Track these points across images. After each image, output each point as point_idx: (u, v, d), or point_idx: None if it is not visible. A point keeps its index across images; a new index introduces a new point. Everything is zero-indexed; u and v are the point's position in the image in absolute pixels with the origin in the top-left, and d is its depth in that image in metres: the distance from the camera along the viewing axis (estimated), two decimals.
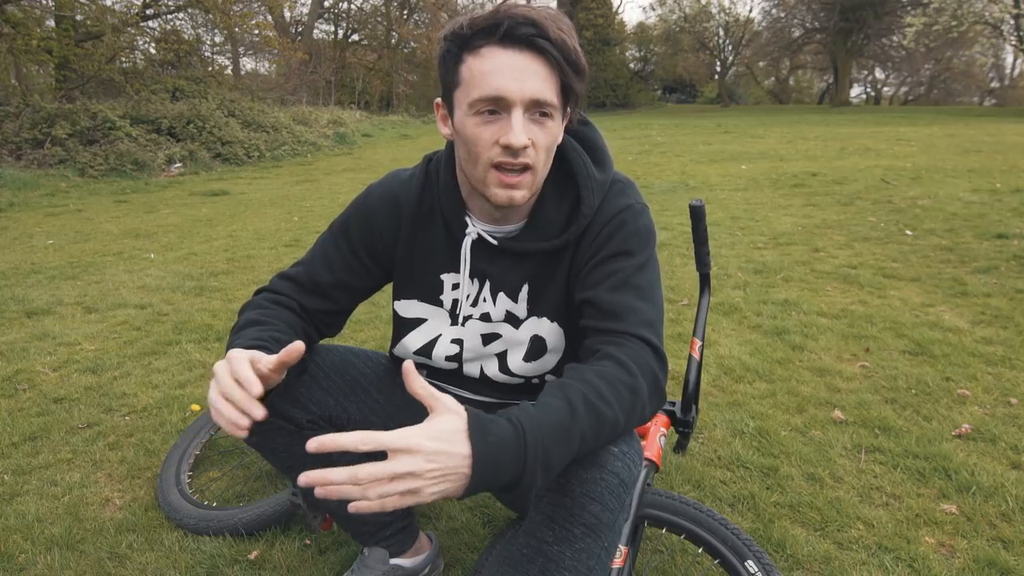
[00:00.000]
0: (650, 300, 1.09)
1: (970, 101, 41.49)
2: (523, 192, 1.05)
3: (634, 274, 1.10)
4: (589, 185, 1.13)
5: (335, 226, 1.26)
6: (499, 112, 1.00)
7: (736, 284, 3.73)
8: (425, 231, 1.21)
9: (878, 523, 1.67)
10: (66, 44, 11.44)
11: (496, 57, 0.98)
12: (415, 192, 1.21)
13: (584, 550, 0.99)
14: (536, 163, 1.03)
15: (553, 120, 1.02)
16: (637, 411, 0.98)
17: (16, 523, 1.74)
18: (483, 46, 0.99)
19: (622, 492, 0.99)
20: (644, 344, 1.03)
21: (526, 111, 1.00)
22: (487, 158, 1.02)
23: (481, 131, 1.01)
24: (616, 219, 1.13)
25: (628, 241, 1.12)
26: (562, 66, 0.99)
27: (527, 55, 0.98)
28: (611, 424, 0.94)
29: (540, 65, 0.98)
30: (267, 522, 1.68)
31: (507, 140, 0.99)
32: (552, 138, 1.04)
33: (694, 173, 8.53)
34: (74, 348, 3.03)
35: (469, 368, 1.29)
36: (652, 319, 1.07)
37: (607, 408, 0.93)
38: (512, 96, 0.98)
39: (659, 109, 39.17)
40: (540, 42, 0.97)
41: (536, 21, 0.97)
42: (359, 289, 1.27)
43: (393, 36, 27.93)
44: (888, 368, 2.57)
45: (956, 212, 5.36)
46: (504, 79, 0.97)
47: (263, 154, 12.07)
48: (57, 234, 5.86)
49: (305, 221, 6.23)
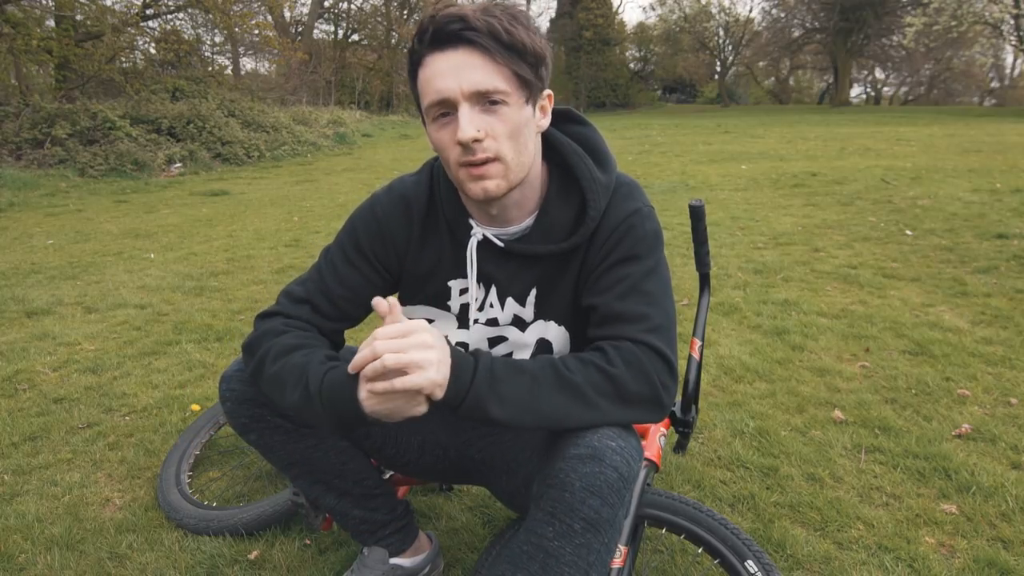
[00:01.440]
0: (659, 305, 1.10)
1: (970, 101, 41.49)
2: (496, 182, 1.04)
3: (642, 280, 1.11)
4: (593, 188, 1.13)
5: (342, 238, 1.23)
6: (450, 113, 1.02)
7: (736, 284, 3.73)
8: (433, 236, 1.21)
9: (878, 523, 1.67)
10: (66, 44, 11.44)
11: (434, 62, 1.00)
12: (424, 196, 1.21)
13: (584, 545, 0.99)
14: (500, 152, 1.03)
15: (508, 106, 1.01)
16: (611, 392, 1.02)
17: (16, 523, 1.74)
18: (424, 56, 1.02)
19: (622, 487, 0.99)
20: (648, 349, 1.05)
21: (473, 105, 1.00)
22: (453, 159, 1.04)
23: (441, 135, 1.04)
24: (625, 223, 1.13)
25: (637, 245, 1.12)
26: (498, 53, 0.99)
27: (460, 51, 0.99)
28: (571, 387, 1.01)
29: (474, 56, 0.99)
30: (267, 522, 1.68)
31: (457, 137, 1.00)
32: (512, 125, 1.03)
33: (694, 173, 8.53)
34: (74, 348, 3.03)
35: None
36: (660, 324, 1.08)
37: (568, 373, 1.02)
38: (452, 94, 0.99)
39: (659, 109, 39.17)
40: (467, 34, 0.98)
41: (460, 16, 0.98)
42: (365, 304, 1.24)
43: (393, 36, 27.93)
44: (888, 368, 2.57)
45: (956, 212, 5.36)
46: (443, 80, 0.99)
47: (263, 154, 12.07)
48: (57, 234, 5.86)
49: (305, 221, 6.23)
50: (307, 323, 1.19)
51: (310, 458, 1.28)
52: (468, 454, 1.36)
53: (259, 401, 1.20)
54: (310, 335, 1.17)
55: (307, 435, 1.25)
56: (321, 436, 1.27)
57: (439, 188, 1.20)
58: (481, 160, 1.02)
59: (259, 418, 1.22)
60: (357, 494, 1.35)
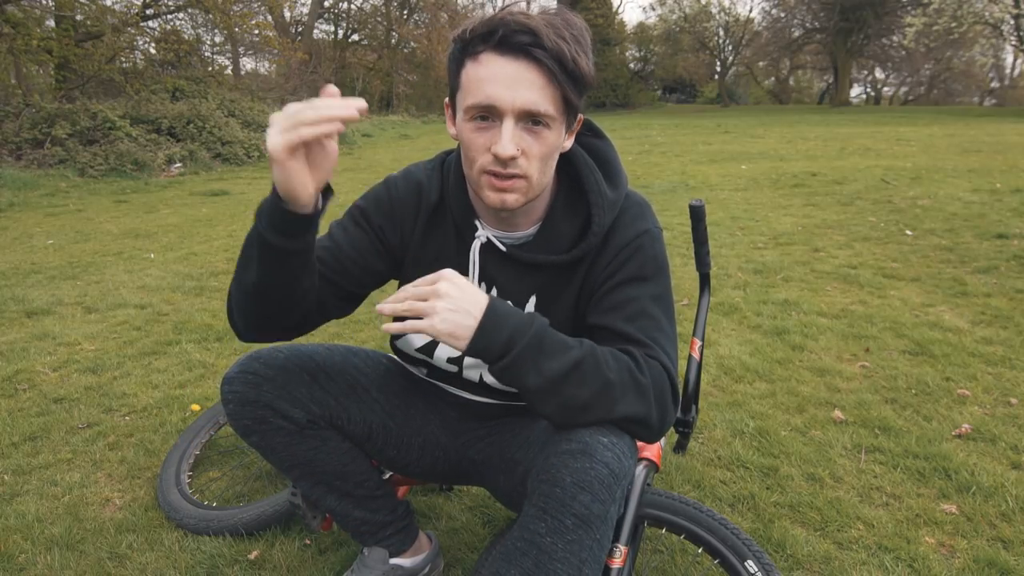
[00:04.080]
0: (665, 331, 1.11)
1: (970, 101, 41.50)
2: (516, 196, 1.04)
3: (650, 304, 1.12)
4: (600, 203, 1.13)
5: (353, 210, 1.23)
6: (491, 120, 1.00)
7: (736, 284, 3.73)
8: (438, 229, 1.21)
9: (878, 523, 1.67)
10: (66, 44, 11.43)
11: (491, 64, 0.98)
12: (435, 189, 1.21)
13: (576, 541, 0.99)
14: (528, 172, 1.03)
15: (550, 130, 1.01)
16: (634, 398, 1.02)
17: (16, 523, 1.74)
18: (481, 52, 0.99)
19: (612, 483, 0.99)
20: (661, 367, 1.07)
21: (518, 121, 0.99)
22: (480, 164, 1.03)
23: (475, 137, 1.02)
24: (634, 243, 1.13)
25: (644, 267, 1.13)
26: (559, 77, 0.98)
27: (522, 64, 0.97)
28: (604, 383, 1.00)
29: (535, 75, 0.97)
30: (267, 522, 1.68)
31: (495, 150, 0.99)
32: (548, 148, 1.03)
33: (694, 173, 8.53)
34: (74, 348, 3.03)
35: (469, 373, 1.30)
36: (668, 349, 1.10)
37: (606, 368, 1.01)
38: (503, 105, 0.98)
39: (659, 109, 39.18)
40: (535, 51, 0.96)
41: (533, 29, 0.95)
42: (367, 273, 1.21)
43: (393, 36, 27.93)
44: (888, 368, 2.57)
45: (956, 212, 5.36)
46: (496, 87, 0.97)
47: (263, 154, 12.05)
48: (57, 234, 5.86)
49: None
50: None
51: (312, 460, 1.28)
52: (468, 455, 1.37)
53: (262, 403, 1.20)
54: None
55: (309, 437, 1.25)
56: (324, 438, 1.27)
57: (448, 184, 1.20)
58: (509, 175, 1.02)
59: (262, 420, 1.22)
60: (358, 495, 1.35)
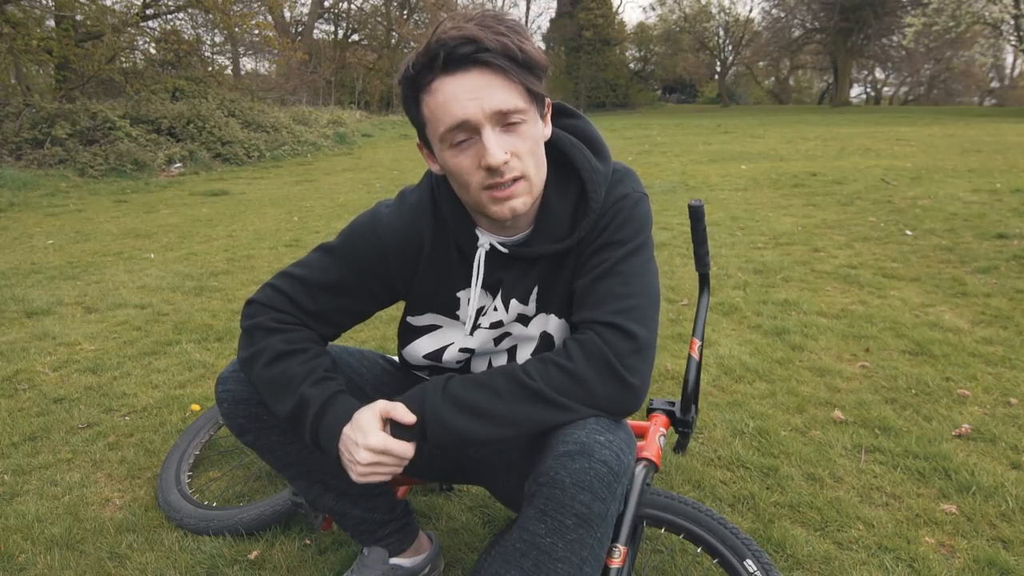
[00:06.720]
0: (635, 284, 1.09)
1: (970, 101, 41.48)
2: (523, 199, 1.04)
3: (620, 261, 1.10)
4: (594, 178, 1.12)
5: (338, 250, 1.18)
6: (470, 137, 0.99)
7: (736, 284, 3.73)
8: (442, 253, 1.19)
9: (878, 523, 1.67)
10: (66, 44, 11.44)
11: (447, 86, 0.97)
12: (428, 215, 1.17)
13: (576, 540, 0.99)
14: (525, 170, 1.02)
15: (527, 123, 1.01)
16: (574, 389, 1.03)
17: (16, 523, 1.74)
18: (432, 81, 0.98)
19: (612, 481, 0.99)
20: (615, 331, 1.04)
21: (495, 126, 0.99)
22: (476, 184, 1.02)
23: (461, 160, 1.01)
24: (612, 209, 1.12)
25: (621, 230, 1.11)
26: (513, 71, 0.97)
27: (474, 73, 0.96)
28: (533, 394, 1.03)
29: (491, 77, 0.97)
30: (267, 522, 1.68)
31: (486, 161, 0.98)
32: (532, 141, 1.03)
33: (694, 173, 8.52)
34: (74, 348, 3.03)
35: (477, 364, 1.30)
36: (633, 304, 1.07)
37: (528, 379, 1.03)
38: (475, 117, 0.97)
39: (659, 109, 39.16)
40: (482, 56, 0.95)
41: (472, 37, 0.95)
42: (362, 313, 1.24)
43: (393, 36, 27.92)
44: (888, 368, 2.57)
45: (956, 212, 5.36)
46: (462, 104, 0.97)
47: (263, 154, 12.06)
48: (57, 234, 5.86)
49: (305, 221, 6.23)
50: (294, 317, 1.19)
51: (307, 459, 1.28)
52: (466, 452, 1.37)
53: (256, 401, 1.20)
54: (301, 334, 1.17)
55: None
56: None
57: (443, 204, 1.16)
58: (509, 181, 1.01)
59: (256, 418, 1.22)
60: (355, 494, 1.35)
